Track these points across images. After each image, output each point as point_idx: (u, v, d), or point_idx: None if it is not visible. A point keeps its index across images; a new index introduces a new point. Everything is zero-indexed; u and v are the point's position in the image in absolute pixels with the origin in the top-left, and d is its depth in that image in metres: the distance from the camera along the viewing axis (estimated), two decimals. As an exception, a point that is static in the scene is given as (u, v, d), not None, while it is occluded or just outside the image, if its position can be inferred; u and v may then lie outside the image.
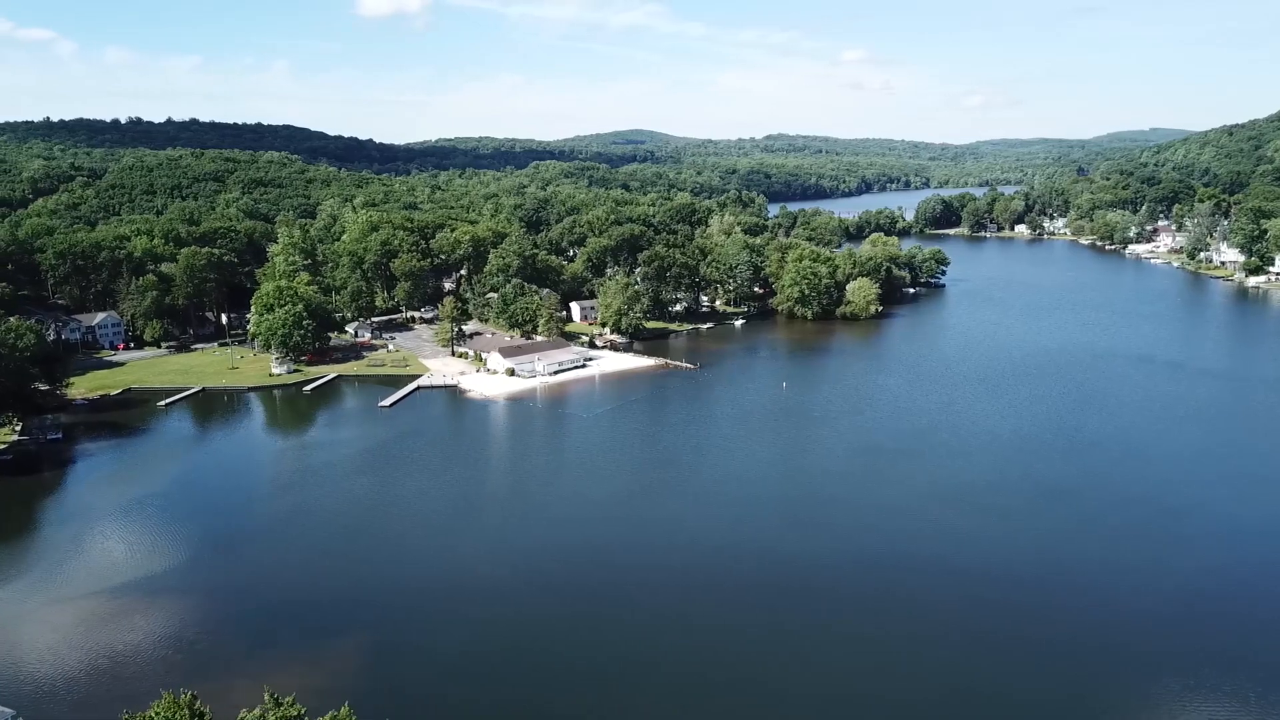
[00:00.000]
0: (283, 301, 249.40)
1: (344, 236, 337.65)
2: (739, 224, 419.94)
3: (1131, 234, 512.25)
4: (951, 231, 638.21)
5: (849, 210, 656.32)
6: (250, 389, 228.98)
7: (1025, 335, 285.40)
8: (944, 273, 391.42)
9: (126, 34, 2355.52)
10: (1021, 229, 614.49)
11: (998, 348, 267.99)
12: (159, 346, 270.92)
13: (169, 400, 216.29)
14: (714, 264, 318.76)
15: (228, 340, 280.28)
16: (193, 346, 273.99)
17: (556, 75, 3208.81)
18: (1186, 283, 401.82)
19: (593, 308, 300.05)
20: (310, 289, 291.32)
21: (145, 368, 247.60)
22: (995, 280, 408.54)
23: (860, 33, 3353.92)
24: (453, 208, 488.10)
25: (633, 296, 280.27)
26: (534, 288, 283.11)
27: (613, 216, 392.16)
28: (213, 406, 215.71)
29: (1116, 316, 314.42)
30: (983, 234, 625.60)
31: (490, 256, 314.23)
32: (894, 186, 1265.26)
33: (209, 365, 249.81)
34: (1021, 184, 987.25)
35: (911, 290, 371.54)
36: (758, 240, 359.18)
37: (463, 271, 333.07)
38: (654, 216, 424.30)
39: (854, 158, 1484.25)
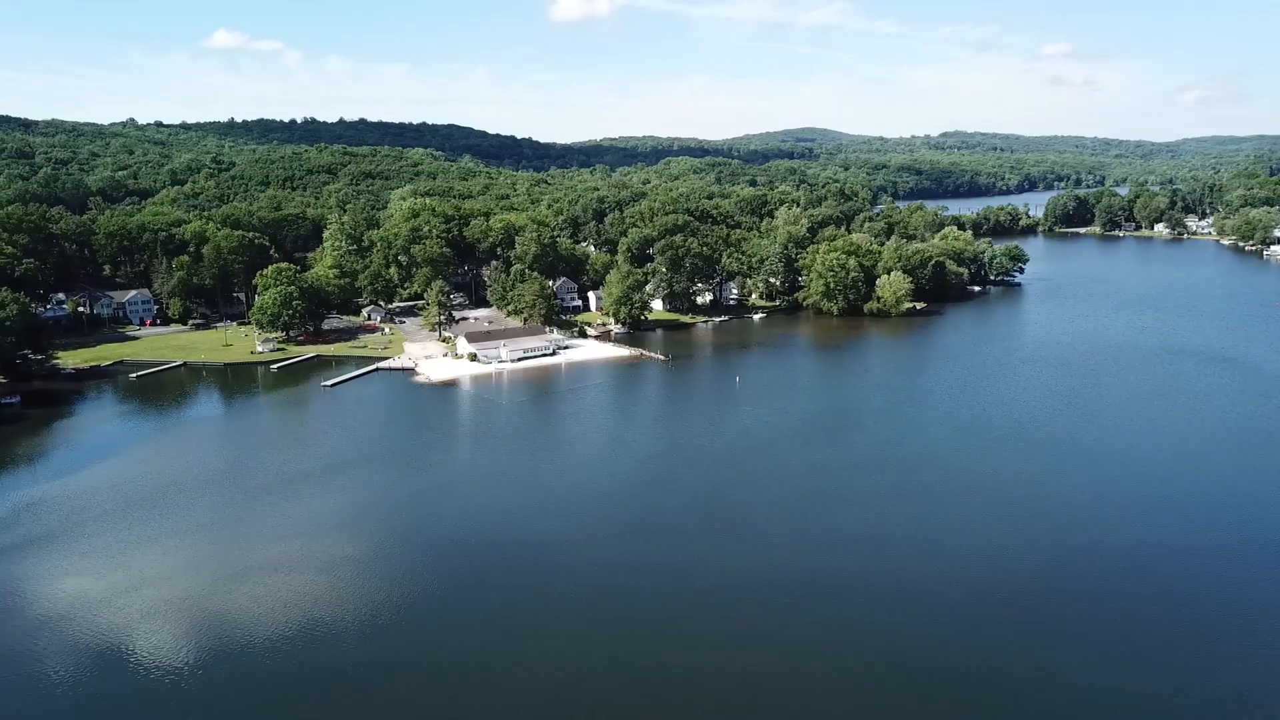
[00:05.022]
0: (278, 282, 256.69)
1: (388, 223, 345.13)
2: (807, 216, 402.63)
3: (1276, 233, 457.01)
4: (1083, 230, 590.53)
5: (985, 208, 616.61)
6: (226, 365, 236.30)
7: (1056, 334, 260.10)
8: (1020, 270, 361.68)
9: (345, 44, 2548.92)
10: (1160, 228, 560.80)
11: (1012, 346, 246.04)
12: (184, 323, 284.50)
13: (143, 373, 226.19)
14: (736, 256, 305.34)
15: (246, 320, 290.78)
16: (215, 325, 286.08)
17: (742, 75, 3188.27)
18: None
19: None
20: (332, 271, 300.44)
21: (152, 343, 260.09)
22: (1084, 279, 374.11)
23: (1065, 26, 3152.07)
24: (538, 200, 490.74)
25: (633, 285, 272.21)
26: (535, 274, 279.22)
27: (669, 207, 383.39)
28: (179, 380, 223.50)
29: (1188, 317, 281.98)
30: (1116, 233, 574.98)
31: (516, 244, 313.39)
32: (1063, 185, 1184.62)
33: (208, 342, 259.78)
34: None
35: (976, 288, 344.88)
36: (803, 234, 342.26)
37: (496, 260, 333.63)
38: (713, 208, 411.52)
39: (1024, 155, 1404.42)
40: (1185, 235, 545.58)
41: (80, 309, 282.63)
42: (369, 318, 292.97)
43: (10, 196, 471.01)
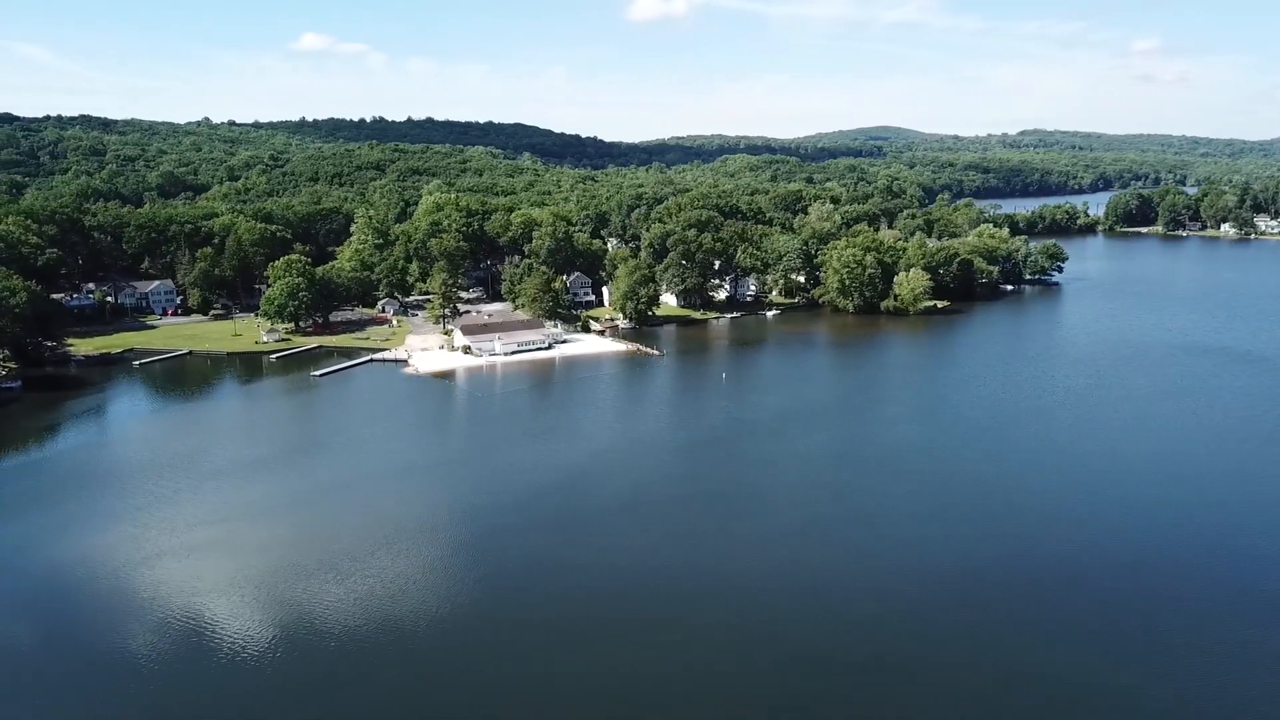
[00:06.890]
0: (288, 274, 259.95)
1: (412, 216, 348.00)
2: (840, 213, 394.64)
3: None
4: (1145, 230, 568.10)
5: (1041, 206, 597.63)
6: (230, 354, 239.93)
7: (1077, 333, 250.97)
8: (1059, 269, 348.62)
9: (428, 46, 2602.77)
10: (1226, 228, 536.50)
11: (1025, 345, 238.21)
12: (204, 314, 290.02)
13: (145, 360, 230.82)
14: (751, 252, 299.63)
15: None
16: (234, 315, 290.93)
17: (819, 74, 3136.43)
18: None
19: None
20: (350, 264, 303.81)
21: (166, 332, 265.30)
22: (1128, 279, 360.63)
23: (1157, 21, 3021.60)
24: (568, 197, 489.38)
25: (639, 280, 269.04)
26: (542, 268, 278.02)
27: (697, 202, 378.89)
28: (181, 367, 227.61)
29: (1224, 317, 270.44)
30: (1180, 233, 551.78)
31: (533, 238, 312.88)
32: (1140, 184, 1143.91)
33: (218, 332, 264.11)
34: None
35: (1009, 287, 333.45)
36: (830, 229, 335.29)
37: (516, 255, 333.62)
38: (747, 204, 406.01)
39: (1102, 154, 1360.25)
40: (1253, 235, 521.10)
41: (107, 299, 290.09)
42: (382, 310, 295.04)
43: (74, 191, 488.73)
